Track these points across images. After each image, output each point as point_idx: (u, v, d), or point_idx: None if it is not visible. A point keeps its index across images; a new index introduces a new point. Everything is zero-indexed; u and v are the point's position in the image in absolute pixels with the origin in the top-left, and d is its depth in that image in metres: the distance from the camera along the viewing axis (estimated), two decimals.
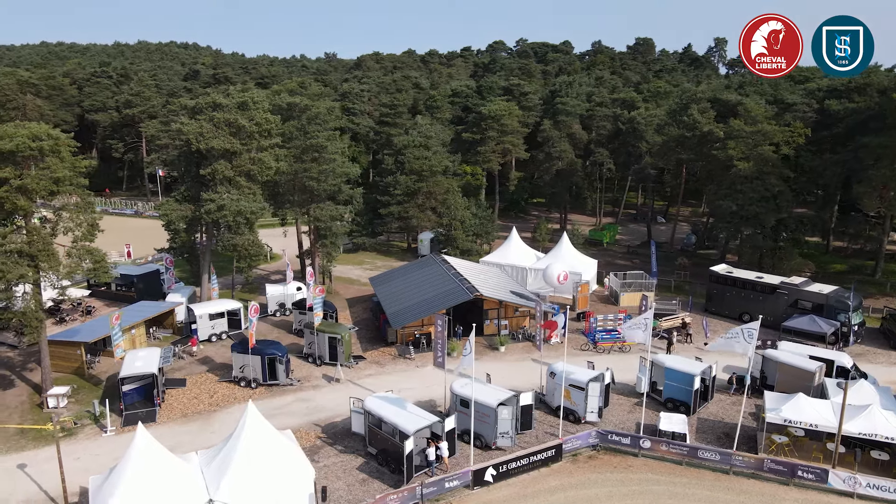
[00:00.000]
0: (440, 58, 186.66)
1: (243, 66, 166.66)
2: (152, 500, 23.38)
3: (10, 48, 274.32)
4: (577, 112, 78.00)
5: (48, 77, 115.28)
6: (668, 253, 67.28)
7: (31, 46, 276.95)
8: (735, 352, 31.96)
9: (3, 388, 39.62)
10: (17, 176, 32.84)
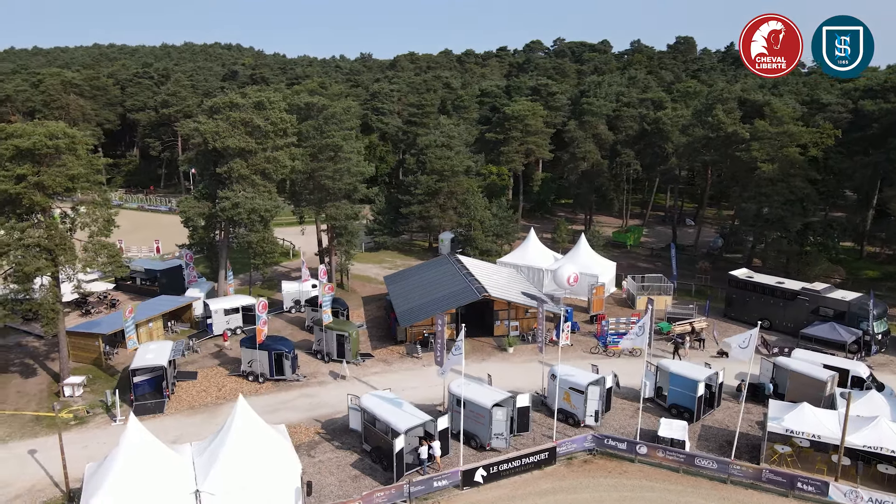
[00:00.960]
0: (476, 58, 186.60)
1: (281, 67, 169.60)
2: (141, 488, 24.06)
3: (65, 49, 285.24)
4: (603, 112, 77.00)
5: (93, 78, 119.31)
6: (692, 256, 65.94)
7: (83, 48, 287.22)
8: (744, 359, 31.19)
9: (25, 377, 41.29)
10: (34, 173, 34.17)
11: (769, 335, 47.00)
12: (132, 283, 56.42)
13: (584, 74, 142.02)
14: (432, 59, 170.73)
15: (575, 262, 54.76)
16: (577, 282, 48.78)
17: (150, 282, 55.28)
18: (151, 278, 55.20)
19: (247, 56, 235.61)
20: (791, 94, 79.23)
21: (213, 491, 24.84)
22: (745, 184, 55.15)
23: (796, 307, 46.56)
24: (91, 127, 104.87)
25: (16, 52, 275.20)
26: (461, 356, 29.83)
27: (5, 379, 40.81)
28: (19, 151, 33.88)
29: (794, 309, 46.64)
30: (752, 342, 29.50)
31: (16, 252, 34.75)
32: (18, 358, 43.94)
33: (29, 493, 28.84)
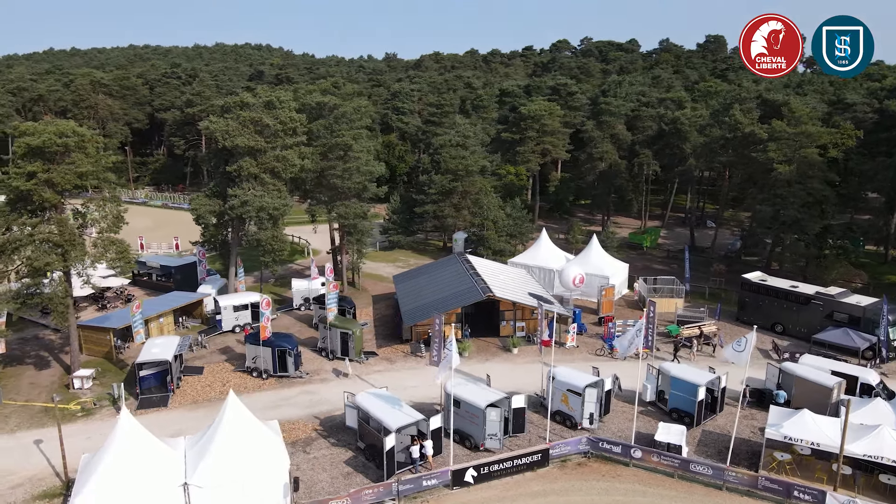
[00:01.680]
0: (501, 57, 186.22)
1: (308, 67, 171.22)
2: (130, 480, 24.56)
3: (101, 50, 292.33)
4: (621, 112, 76.14)
5: (122, 78, 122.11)
6: (709, 259, 64.85)
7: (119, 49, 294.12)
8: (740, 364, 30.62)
9: (39, 369, 42.40)
10: (44, 170, 35.08)
11: (782, 340, 46.10)
12: (148, 278, 57.59)
13: (609, 74, 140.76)
14: (457, 59, 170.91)
15: (586, 264, 54.29)
16: (583, 283, 48.34)
17: (166, 278, 56.32)
18: (167, 274, 56.25)
19: (275, 56, 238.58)
20: (816, 93, 77.41)
21: (201, 484, 25.23)
22: (762, 185, 54.03)
23: (810, 312, 45.50)
24: (119, 126, 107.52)
25: (55, 52, 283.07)
26: (451, 355, 29.72)
27: (20, 370, 41.98)
28: (30, 149, 34.82)
29: (808, 314, 45.58)
30: (748, 346, 28.89)
31: (27, 248, 35.71)
32: (34, 350, 45.13)
33: (30, 481, 29.63)
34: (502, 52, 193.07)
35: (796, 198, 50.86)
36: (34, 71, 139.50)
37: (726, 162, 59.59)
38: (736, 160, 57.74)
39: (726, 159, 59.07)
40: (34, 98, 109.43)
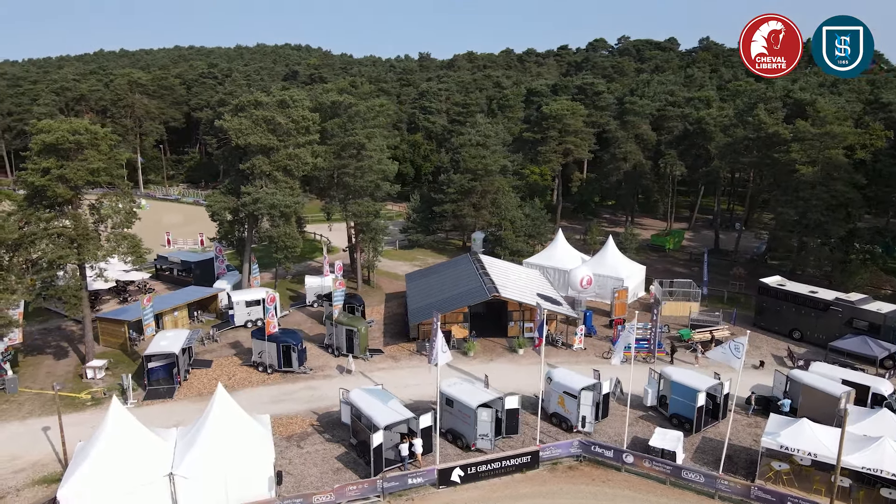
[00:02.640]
0: (536, 57, 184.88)
1: (343, 67, 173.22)
2: (118, 469, 25.23)
3: (148, 52, 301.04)
4: (646, 112, 74.80)
5: (161, 78, 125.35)
6: (733, 262, 63.26)
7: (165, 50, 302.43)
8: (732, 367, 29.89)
9: (57, 358, 43.86)
10: (58, 166, 36.27)
11: (799, 347, 44.73)
12: (170, 273, 59.07)
13: (643, 73, 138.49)
14: (490, 59, 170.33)
15: (601, 265, 53.64)
16: (591, 284, 47.69)
17: (186, 273, 57.66)
18: (186, 269, 57.58)
19: (313, 56, 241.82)
20: (852, 92, 74.77)
21: (187, 475, 25.76)
22: (785, 187, 52.45)
23: (829, 318, 44.00)
24: (155, 125, 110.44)
25: (104, 54, 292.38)
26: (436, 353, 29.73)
27: (39, 360, 43.50)
28: (45, 146, 36.05)
29: (827, 320, 44.09)
30: (742, 351, 28.12)
31: (42, 241, 36.98)
32: (55, 340, 46.68)
33: (33, 467, 30.68)
34: (538, 52, 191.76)
35: (820, 200, 49.25)
36: (79, 71, 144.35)
37: (749, 163, 57.95)
38: (759, 161, 56.13)
39: (748, 160, 57.45)
40: (76, 97, 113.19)
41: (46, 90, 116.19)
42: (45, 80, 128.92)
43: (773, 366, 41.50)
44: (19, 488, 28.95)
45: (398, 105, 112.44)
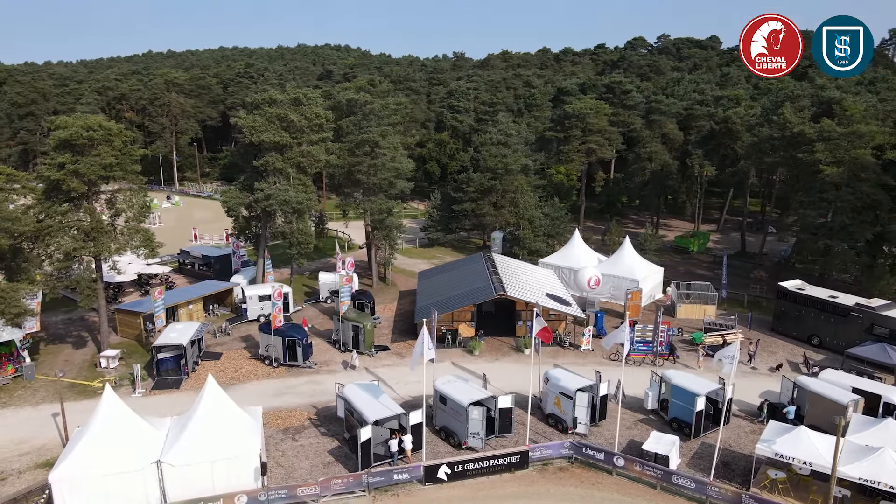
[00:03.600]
0: (573, 56, 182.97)
1: (378, 66, 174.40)
2: (108, 455, 25.95)
3: (194, 52, 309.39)
4: (672, 111, 73.25)
5: (199, 77, 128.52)
6: (757, 265, 61.50)
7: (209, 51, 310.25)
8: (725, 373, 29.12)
9: (76, 347, 45.34)
10: (73, 161, 37.49)
11: (817, 354, 43.29)
12: (192, 267, 60.48)
13: (680, 71, 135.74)
14: (524, 58, 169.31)
15: (616, 266, 52.88)
16: (599, 284, 46.95)
17: (206, 267, 58.95)
18: (207, 264, 58.88)
19: (351, 56, 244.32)
20: (892, 90, 71.87)
21: (174, 463, 26.35)
22: (809, 189, 50.76)
23: (849, 324, 42.43)
24: (190, 123, 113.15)
25: (152, 55, 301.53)
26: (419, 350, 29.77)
27: (59, 348, 45.04)
28: (61, 142, 37.32)
29: (847, 326, 42.53)
30: (736, 356, 27.38)
31: (58, 234, 38.27)
32: (77, 330, 48.26)
33: (38, 451, 31.78)
34: (575, 51, 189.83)
35: (844, 202, 47.50)
36: (124, 71, 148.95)
37: (771, 163, 56.20)
38: (783, 162, 54.41)
39: (771, 160, 55.71)
40: (117, 97, 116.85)
41: (89, 90, 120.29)
42: (90, 80, 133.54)
43: (787, 372, 40.25)
44: (21, 471, 30.04)
45: (427, 104, 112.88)
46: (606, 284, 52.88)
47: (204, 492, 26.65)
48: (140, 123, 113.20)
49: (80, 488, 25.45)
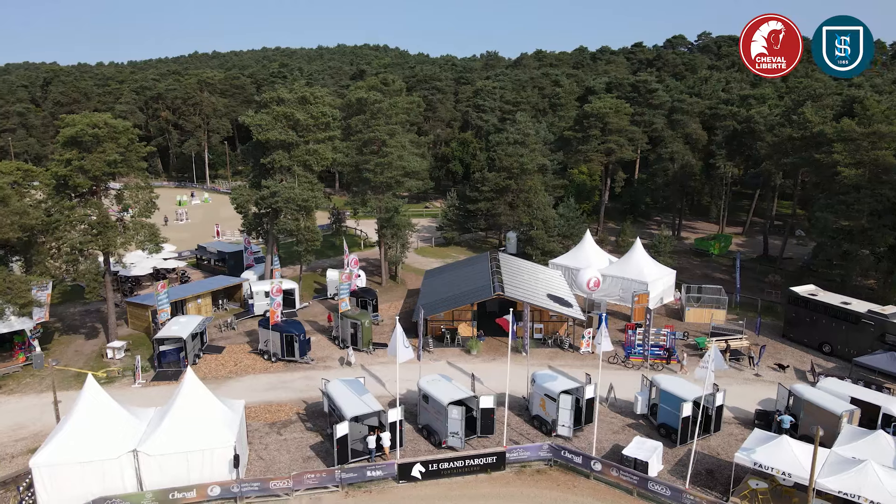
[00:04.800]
0: (610, 54, 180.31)
1: (412, 66, 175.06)
2: (87, 443, 26.69)
3: (237, 53, 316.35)
4: (695, 110, 71.51)
5: (233, 77, 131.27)
6: (778, 269, 59.62)
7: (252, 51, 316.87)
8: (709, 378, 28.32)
9: (87, 338, 46.84)
10: (79, 158, 38.73)
11: (827, 362, 41.77)
12: (208, 262, 61.84)
13: (718, 70, 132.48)
14: (557, 57, 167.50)
15: (626, 268, 51.98)
16: (599, 286, 46.17)
17: (221, 262, 60.19)
18: (221, 259, 60.11)
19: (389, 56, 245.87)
20: None
21: (150, 452, 26.99)
22: (828, 191, 48.97)
23: (859, 332, 40.80)
24: (221, 121, 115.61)
25: (198, 56, 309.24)
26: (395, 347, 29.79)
27: (71, 339, 46.61)
28: (69, 139, 38.59)
29: (858, 334, 40.91)
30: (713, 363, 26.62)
31: (65, 227, 39.58)
32: (91, 322, 49.84)
33: (34, 437, 32.89)
34: (612, 50, 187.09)
35: (863, 205, 45.69)
36: (159, 72, 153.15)
37: (790, 164, 54.32)
38: (802, 162, 52.56)
39: (789, 161, 53.86)
40: (154, 96, 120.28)
41: (128, 89, 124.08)
42: (130, 80, 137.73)
43: (790, 379, 38.96)
44: (14, 455, 31.19)
45: (455, 103, 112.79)
46: (615, 286, 52.12)
47: (179, 481, 27.23)
48: (175, 122, 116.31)
49: (59, 474, 26.25)
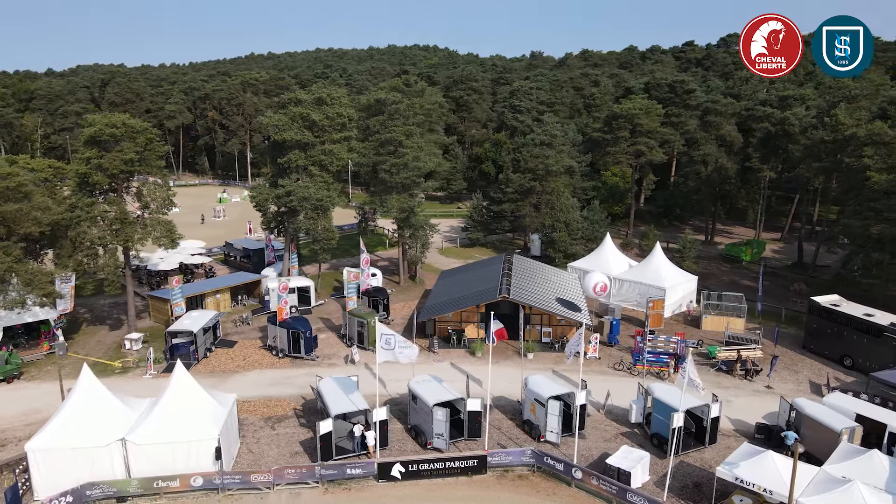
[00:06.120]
0: (658, 53, 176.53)
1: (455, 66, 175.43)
2: (81, 430, 27.89)
3: (292, 54, 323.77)
4: (730, 112, 69.25)
5: (278, 78, 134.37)
6: (811, 277, 57.23)
7: (306, 52, 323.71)
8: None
9: (111, 329, 48.83)
10: (98, 156, 40.45)
11: (847, 376, 39.94)
12: (234, 259, 63.57)
13: None
14: (604, 57, 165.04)
15: (644, 273, 50.91)
16: (605, 291, 45.28)
17: (246, 259, 61.77)
18: (246, 256, 61.68)
19: (437, 56, 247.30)
20: None
21: (137, 441, 27.98)
22: (857, 196, 46.78)
23: (881, 346, 38.87)
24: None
25: (254, 57, 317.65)
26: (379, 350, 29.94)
27: (95, 330, 48.68)
28: (89, 138, 40.35)
29: (880, 348, 38.96)
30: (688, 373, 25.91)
31: (85, 223, 41.37)
32: (117, 314, 51.89)
33: (43, 422, 33.63)
34: (662, 49, 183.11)
35: (894, 212, 43.47)
36: (210, 73, 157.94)
37: (820, 169, 51.98)
38: (832, 167, 50.29)
39: (819, 165, 51.58)
40: (201, 97, 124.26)
41: (177, 90, 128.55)
42: (181, 81, 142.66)
43: (805, 393, 37.42)
44: (21, 439, 32.75)
45: (493, 103, 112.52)
46: (633, 291, 51.10)
47: (165, 470, 28.12)
48: (221, 122, 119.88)
49: (52, 459, 27.50)
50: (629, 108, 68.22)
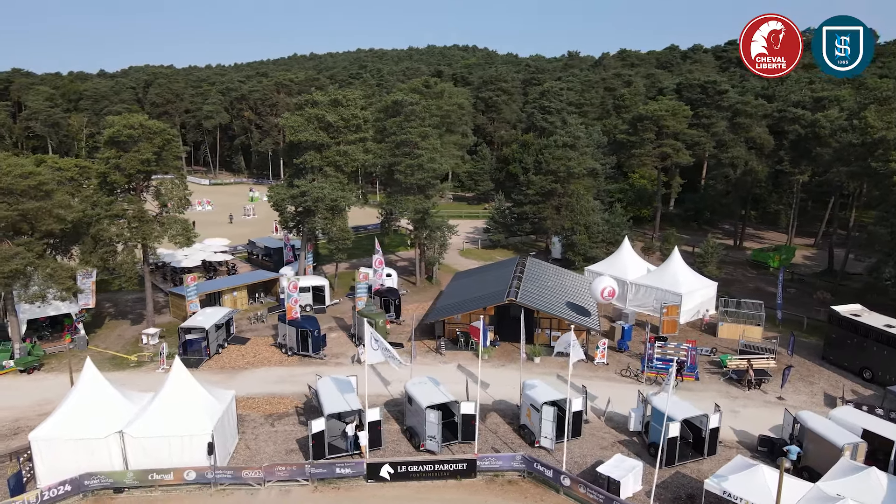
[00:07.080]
0: (699, 53, 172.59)
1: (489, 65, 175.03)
2: (83, 421, 28.83)
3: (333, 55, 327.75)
4: (760, 113, 67.28)
5: (313, 79, 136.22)
6: (839, 286, 55.22)
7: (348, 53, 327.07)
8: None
9: (132, 324, 50.28)
10: (116, 156, 41.72)
11: (866, 389, 38.48)
12: (256, 257, 64.78)
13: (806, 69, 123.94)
14: (642, 57, 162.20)
15: (661, 278, 49.98)
16: (614, 296, 44.48)
17: (267, 257, 62.88)
18: (267, 254, 62.77)
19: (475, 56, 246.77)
20: None
21: (134, 434, 28.79)
22: (885, 202, 44.96)
23: None
24: None
25: (297, 57, 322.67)
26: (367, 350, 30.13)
27: (117, 324, 50.21)
28: (108, 139, 41.66)
29: None
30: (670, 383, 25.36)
31: (103, 221, 42.73)
32: (139, 309, 53.31)
33: None
34: (704, 48, 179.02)
35: None
36: (248, 74, 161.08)
37: (848, 173, 50.06)
38: (860, 171, 48.41)
39: (848, 169, 49.68)
40: (238, 97, 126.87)
41: (215, 91, 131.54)
42: (220, 82, 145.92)
43: (818, 406, 36.20)
44: (32, 428, 33.90)
45: (524, 104, 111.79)
46: (649, 296, 50.24)
47: (160, 463, 28.85)
48: (256, 122, 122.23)
49: (54, 448, 28.51)
50: (654, 109, 66.94)
